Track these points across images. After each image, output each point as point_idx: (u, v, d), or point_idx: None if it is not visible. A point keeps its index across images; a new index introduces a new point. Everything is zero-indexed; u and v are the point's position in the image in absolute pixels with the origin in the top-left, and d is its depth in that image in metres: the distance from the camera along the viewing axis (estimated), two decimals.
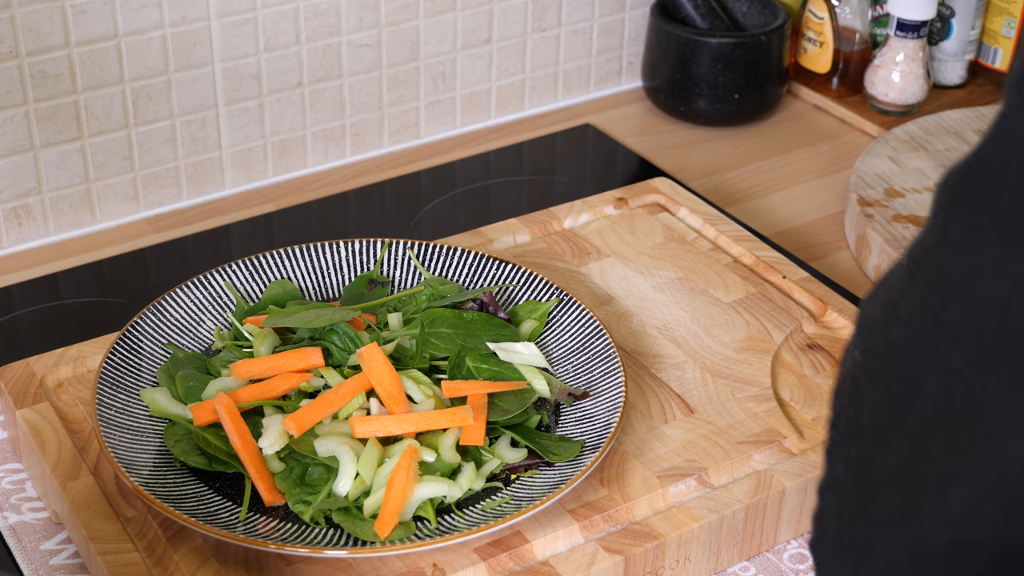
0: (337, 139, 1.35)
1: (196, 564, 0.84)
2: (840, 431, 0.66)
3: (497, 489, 0.89)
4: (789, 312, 1.07)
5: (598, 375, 0.97)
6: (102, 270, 1.21)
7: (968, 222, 0.59)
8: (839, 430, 0.67)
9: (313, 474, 0.88)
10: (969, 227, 0.58)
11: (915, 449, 0.61)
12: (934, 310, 0.60)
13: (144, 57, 1.21)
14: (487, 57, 1.40)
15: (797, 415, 0.97)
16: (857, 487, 0.64)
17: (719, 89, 1.41)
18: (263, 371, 0.94)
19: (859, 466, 0.64)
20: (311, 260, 1.07)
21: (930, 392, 0.60)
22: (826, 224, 1.30)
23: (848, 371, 0.67)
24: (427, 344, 0.97)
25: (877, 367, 0.64)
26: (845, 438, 0.66)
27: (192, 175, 1.29)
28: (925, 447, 0.60)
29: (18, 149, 1.19)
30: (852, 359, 0.66)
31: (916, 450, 0.61)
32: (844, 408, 0.66)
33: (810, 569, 0.92)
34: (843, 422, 0.66)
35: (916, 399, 0.61)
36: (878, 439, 0.63)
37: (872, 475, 0.63)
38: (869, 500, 0.63)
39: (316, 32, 1.29)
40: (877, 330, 0.64)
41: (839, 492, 0.66)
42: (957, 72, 1.50)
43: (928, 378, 0.60)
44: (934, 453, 0.60)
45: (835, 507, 0.66)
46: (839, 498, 0.65)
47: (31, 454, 0.94)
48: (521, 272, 1.05)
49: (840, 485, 0.66)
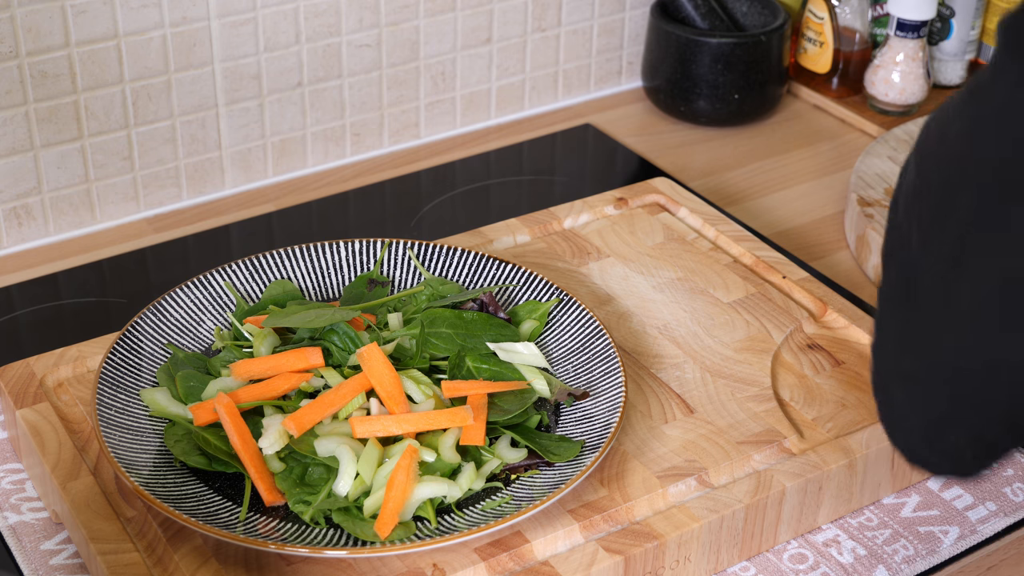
0: (337, 139, 1.35)
1: (196, 564, 0.84)
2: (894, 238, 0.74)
3: (497, 489, 0.89)
4: (789, 312, 1.07)
5: (598, 375, 0.97)
6: (102, 270, 1.21)
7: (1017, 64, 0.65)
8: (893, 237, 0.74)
9: (313, 474, 0.88)
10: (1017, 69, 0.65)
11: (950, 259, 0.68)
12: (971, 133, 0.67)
13: (144, 57, 1.21)
14: (487, 57, 1.40)
15: (797, 415, 0.97)
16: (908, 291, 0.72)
17: (719, 89, 1.41)
18: (263, 371, 0.94)
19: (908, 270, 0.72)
20: (311, 260, 1.07)
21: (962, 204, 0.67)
22: (826, 224, 1.30)
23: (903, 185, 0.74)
24: (427, 344, 0.97)
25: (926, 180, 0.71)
26: (897, 244, 0.74)
27: (192, 175, 1.29)
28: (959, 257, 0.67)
29: (18, 149, 1.19)
30: (907, 174, 0.74)
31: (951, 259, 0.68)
32: (898, 217, 0.74)
33: (810, 569, 0.92)
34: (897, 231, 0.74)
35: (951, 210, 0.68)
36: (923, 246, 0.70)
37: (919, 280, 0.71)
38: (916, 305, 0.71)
39: (316, 32, 1.29)
40: (929, 149, 0.71)
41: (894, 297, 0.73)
42: (957, 72, 1.50)
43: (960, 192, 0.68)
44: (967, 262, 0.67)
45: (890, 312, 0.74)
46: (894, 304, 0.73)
47: (31, 454, 0.94)
48: (521, 272, 1.05)
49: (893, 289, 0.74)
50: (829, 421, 0.97)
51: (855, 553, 0.93)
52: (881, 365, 0.75)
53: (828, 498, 0.94)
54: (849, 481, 0.94)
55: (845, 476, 0.93)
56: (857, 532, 0.95)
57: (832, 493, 0.94)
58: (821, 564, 0.92)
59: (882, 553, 0.93)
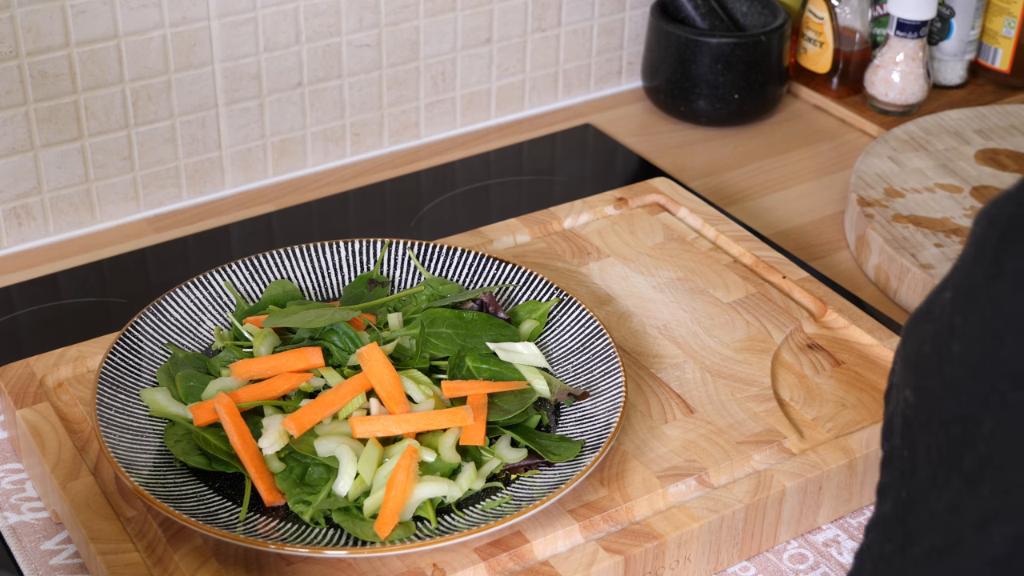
0: (337, 139, 1.35)
1: (196, 564, 0.84)
2: (893, 470, 0.66)
3: (497, 489, 0.89)
4: (789, 312, 1.07)
5: (598, 375, 0.97)
6: (102, 270, 1.21)
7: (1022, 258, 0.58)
8: (891, 469, 0.66)
9: (313, 474, 0.88)
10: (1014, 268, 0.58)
11: (967, 490, 0.60)
12: (990, 348, 0.59)
13: (144, 57, 1.21)
14: (487, 57, 1.40)
15: (797, 415, 0.97)
16: (900, 526, 0.63)
17: (719, 89, 1.41)
18: (263, 371, 0.94)
19: (908, 506, 0.63)
20: (311, 260, 1.07)
21: (986, 433, 0.59)
22: (826, 224, 1.30)
23: (899, 410, 0.66)
24: (427, 344, 0.97)
25: (932, 406, 0.62)
26: (897, 477, 0.65)
27: (192, 175, 1.29)
28: (976, 487, 0.59)
29: (18, 149, 1.19)
30: (904, 398, 0.65)
31: (968, 490, 0.59)
32: (897, 447, 0.66)
33: (810, 569, 0.92)
34: (896, 462, 0.66)
35: (973, 439, 0.60)
36: (932, 480, 0.62)
37: (919, 515, 0.62)
38: (908, 540, 0.62)
39: (316, 32, 1.29)
40: (930, 369, 0.63)
41: (882, 530, 0.65)
42: (957, 72, 1.50)
43: (985, 418, 0.59)
44: (983, 492, 0.59)
45: (876, 545, 0.65)
46: (881, 536, 0.65)
47: (31, 454, 0.94)
48: (521, 272, 1.05)
49: (885, 523, 0.65)
50: (829, 421, 0.97)
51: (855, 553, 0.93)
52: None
53: (828, 498, 0.94)
54: (849, 481, 0.94)
55: (845, 476, 0.93)
56: (857, 532, 0.95)
57: (832, 493, 0.94)
58: (821, 564, 0.92)
59: None
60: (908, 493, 0.64)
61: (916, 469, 0.63)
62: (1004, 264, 0.59)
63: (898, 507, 0.64)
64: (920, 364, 0.64)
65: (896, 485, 0.65)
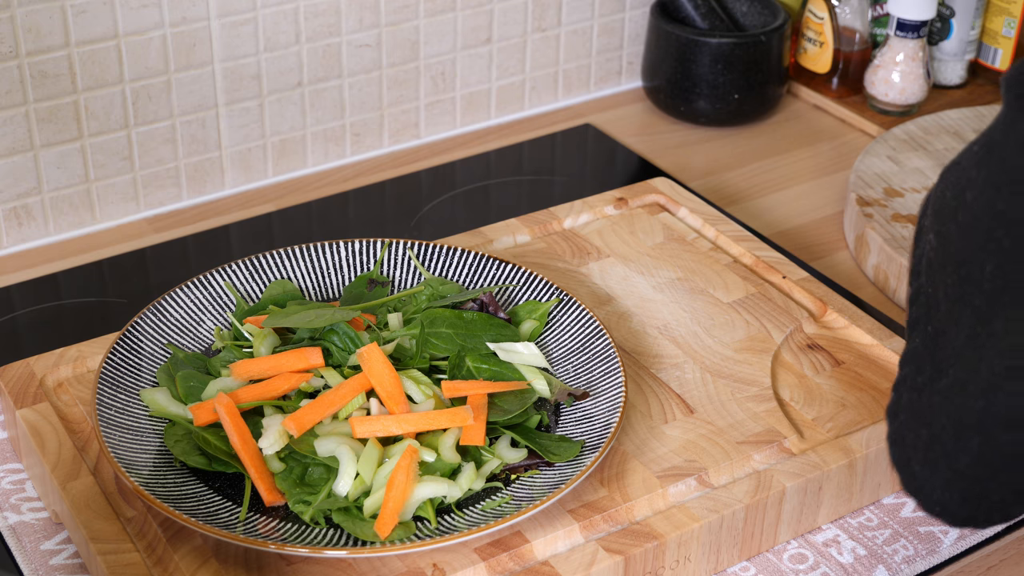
0: (337, 139, 1.35)
1: (196, 564, 0.84)
2: (919, 306, 0.72)
3: (497, 489, 0.89)
4: (789, 312, 1.07)
5: (598, 375, 0.97)
6: (102, 270, 1.21)
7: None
8: (918, 305, 0.72)
9: (313, 474, 0.88)
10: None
11: (981, 325, 0.66)
12: (992, 198, 0.66)
13: (144, 57, 1.21)
14: (487, 57, 1.40)
15: (797, 415, 0.97)
16: (930, 360, 0.69)
17: (719, 89, 1.41)
18: (263, 371, 0.94)
19: (934, 339, 0.70)
20: (311, 260, 1.07)
21: (988, 273, 0.65)
22: (826, 224, 1.30)
23: (924, 251, 0.72)
24: (427, 344, 0.97)
25: (949, 248, 0.69)
26: (924, 312, 0.71)
27: (192, 175, 1.29)
28: (988, 323, 0.65)
29: (18, 149, 1.19)
30: (928, 241, 0.72)
31: (981, 326, 0.66)
32: (923, 285, 0.72)
33: (810, 569, 0.92)
34: (922, 298, 0.72)
35: (979, 278, 0.66)
36: (951, 315, 0.68)
37: (944, 349, 0.68)
38: (937, 373, 0.68)
39: (316, 32, 1.29)
40: (948, 214, 0.69)
41: (915, 363, 0.71)
42: (957, 72, 1.50)
43: (986, 260, 0.66)
44: (995, 328, 0.65)
45: (910, 378, 0.71)
46: (915, 369, 0.71)
47: (31, 454, 0.94)
48: (521, 272, 1.05)
49: (916, 356, 0.71)
50: (829, 421, 0.97)
51: (855, 553, 0.93)
52: (897, 432, 0.73)
53: (828, 498, 0.94)
54: (849, 481, 0.94)
55: (845, 476, 0.93)
56: (857, 532, 0.95)
57: (832, 493, 0.94)
58: (821, 564, 0.92)
59: (882, 553, 0.93)
60: (933, 328, 0.70)
61: (938, 306, 0.69)
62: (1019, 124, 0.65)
63: (927, 341, 0.70)
64: (942, 209, 0.70)
65: (923, 320, 0.71)
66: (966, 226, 0.67)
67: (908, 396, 0.71)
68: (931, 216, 0.72)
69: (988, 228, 0.66)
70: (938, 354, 0.69)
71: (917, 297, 0.73)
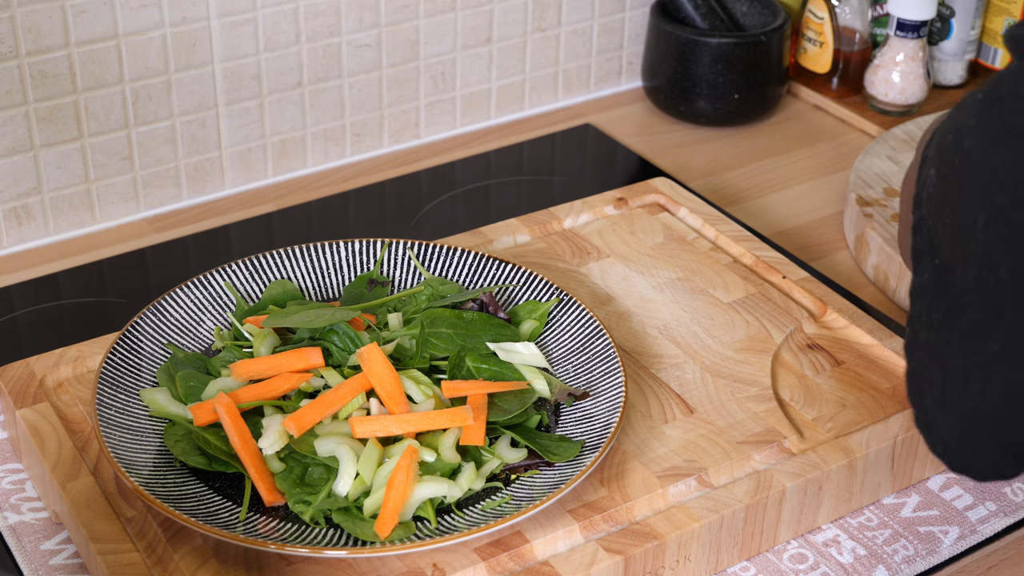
0: (337, 139, 1.35)
1: (196, 564, 0.84)
2: (923, 237, 0.73)
3: (497, 489, 0.89)
4: (789, 312, 1.07)
5: (598, 375, 0.97)
6: (102, 270, 1.21)
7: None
8: (922, 235, 0.73)
9: (313, 474, 0.88)
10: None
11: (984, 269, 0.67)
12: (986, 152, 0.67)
13: (144, 57, 1.21)
14: (487, 57, 1.40)
15: (797, 415, 0.97)
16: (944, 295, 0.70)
17: (719, 89, 1.41)
18: (263, 371, 0.94)
19: (943, 273, 0.70)
20: (311, 260, 1.07)
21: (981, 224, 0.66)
22: (826, 224, 1.30)
23: (926, 183, 0.73)
24: (427, 344, 0.97)
25: (947, 189, 0.70)
26: (928, 245, 0.72)
27: (192, 175, 1.29)
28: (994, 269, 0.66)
29: (18, 149, 1.19)
30: (929, 175, 0.73)
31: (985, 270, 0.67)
32: (925, 216, 0.73)
33: (810, 569, 0.92)
34: (925, 229, 0.72)
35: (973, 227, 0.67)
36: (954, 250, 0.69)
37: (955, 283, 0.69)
38: (953, 310, 0.69)
39: (316, 32, 1.29)
40: (947, 155, 0.70)
41: (928, 299, 0.72)
42: (957, 72, 1.50)
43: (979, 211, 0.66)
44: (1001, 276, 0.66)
45: (925, 314, 0.72)
46: (928, 305, 0.72)
47: (31, 454, 0.94)
48: (521, 272, 1.05)
49: (929, 291, 0.72)
50: (829, 421, 0.97)
51: (855, 553, 0.93)
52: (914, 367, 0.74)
53: (828, 498, 0.94)
54: (849, 481, 0.94)
55: (845, 476, 0.93)
56: (857, 532, 0.95)
57: (832, 493, 0.94)
58: (821, 564, 0.92)
59: (882, 553, 0.93)
60: (941, 261, 0.71)
61: (941, 240, 0.70)
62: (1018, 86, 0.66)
63: (935, 274, 0.71)
64: (943, 149, 0.71)
65: (929, 252, 0.72)
66: (963, 172, 0.68)
67: (925, 334, 0.72)
68: (933, 151, 0.73)
69: (983, 181, 0.67)
70: (950, 288, 0.70)
71: (920, 227, 0.73)
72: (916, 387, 0.74)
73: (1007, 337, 0.66)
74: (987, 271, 0.66)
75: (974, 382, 0.68)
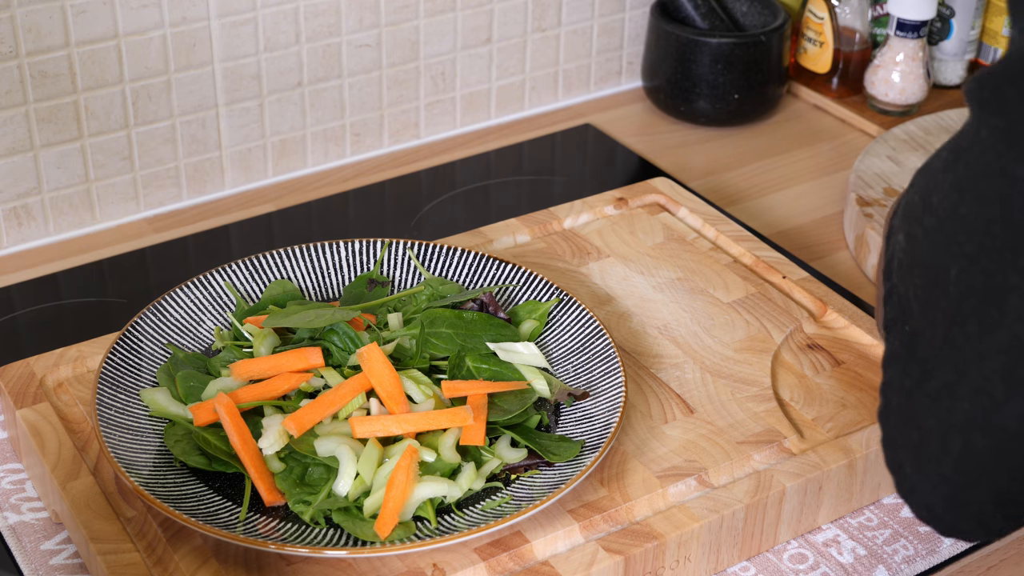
0: (337, 139, 1.35)
1: (196, 564, 0.84)
2: (893, 306, 0.73)
3: (497, 489, 0.89)
4: (789, 312, 1.07)
5: (598, 375, 0.97)
6: (102, 270, 1.21)
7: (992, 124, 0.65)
8: (892, 305, 0.73)
9: (313, 474, 0.88)
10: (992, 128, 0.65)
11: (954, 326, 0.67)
12: (954, 203, 0.67)
13: (144, 57, 1.21)
14: (487, 57, 1.40)
15: (797, 415, 0.97)
16: (914, 360, 0.70)
17: (719, 89, 1.41)
18: (263, 371, 0.94)
19: (913, 339, 0.70)
20: (311, 260, 1.07)
21: (954, 276, 0.66)
22: (826, 224, 1.30)
23: (895, 251, 0.73)
24: (427, 344, 0.97)
25: (916, 251, 0.70)
26: (899, 313, 0.72)
27: (192, 175, 1.29)
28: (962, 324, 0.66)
29: (18, 149, 1.19)
30: (898, 241, 0.73)
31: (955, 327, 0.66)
32: (895, 286, 0.73)
33: (810, 569, 0.92)
34: (895, 298, 0.73)
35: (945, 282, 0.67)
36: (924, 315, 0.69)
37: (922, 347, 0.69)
38: (924, 375, 0.69)
39: (316, 32, 1.29)
40: (915, 216, 0.70)
41: (900, 366, 0.72)
42: (957, 72, 1.50)
43: (951, 264, 0.67)
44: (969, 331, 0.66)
45: (897, 380, 0.72)
46: (900, 372, 0.72)
47: (31, 454, 0.94)
48: (521, 272, 1.05)
49: (900, 359, 0.72)
50: (829, 421, 0.97)
51: (855, 553, 0.93)
52: (889, 435, 0.73)
53: (828, 498, 0.94)
54: (849, 481, 0.94)
55: (845, 476, 0.93)
56: (857, 532, 0.95)
57: (832, 493, 0.94)
58: (821, 564, 0.92)
59: (882, 553, 0.93)
60: (910, 328, 0.71)
61: (911, 307, 0.71)
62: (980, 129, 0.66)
63: (905, 341, 0.71)
64: (910, 212, 0.71)
65: (899, 320, 0.72)
66: (931, 230, 0.68)
67: (897, 400, 0.72)
68: (900, 216, 0.73)
69: (951, 233, 0.66)
70: (918, 354, 0.70)
71: (890, 297, 0.74)
72: (892, 454, 0.73)
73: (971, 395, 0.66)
74: (956, 327, 0.66)
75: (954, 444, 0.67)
